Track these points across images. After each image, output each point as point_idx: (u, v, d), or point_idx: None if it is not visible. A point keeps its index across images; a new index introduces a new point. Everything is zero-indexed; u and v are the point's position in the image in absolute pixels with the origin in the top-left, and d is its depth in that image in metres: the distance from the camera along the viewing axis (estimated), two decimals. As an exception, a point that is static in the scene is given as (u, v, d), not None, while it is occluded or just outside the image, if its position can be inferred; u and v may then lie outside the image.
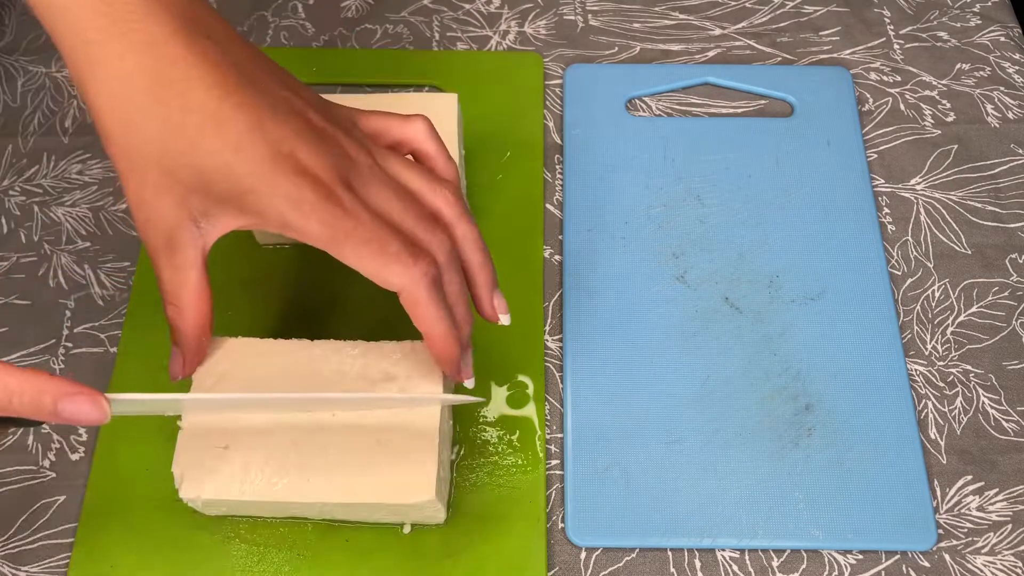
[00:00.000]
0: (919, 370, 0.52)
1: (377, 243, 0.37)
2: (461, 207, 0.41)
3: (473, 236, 0.42)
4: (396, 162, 0.40)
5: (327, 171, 0.37)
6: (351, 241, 0.37)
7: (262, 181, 0.36)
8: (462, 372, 0.42)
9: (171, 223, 0.38)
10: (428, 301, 0.38)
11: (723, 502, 0.48)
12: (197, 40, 0.36)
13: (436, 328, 0.40)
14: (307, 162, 0.37)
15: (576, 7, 0.64)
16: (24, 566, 0.46)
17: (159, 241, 0.39)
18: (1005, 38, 0.63)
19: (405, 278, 0.38)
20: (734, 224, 0.56)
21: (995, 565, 0.47)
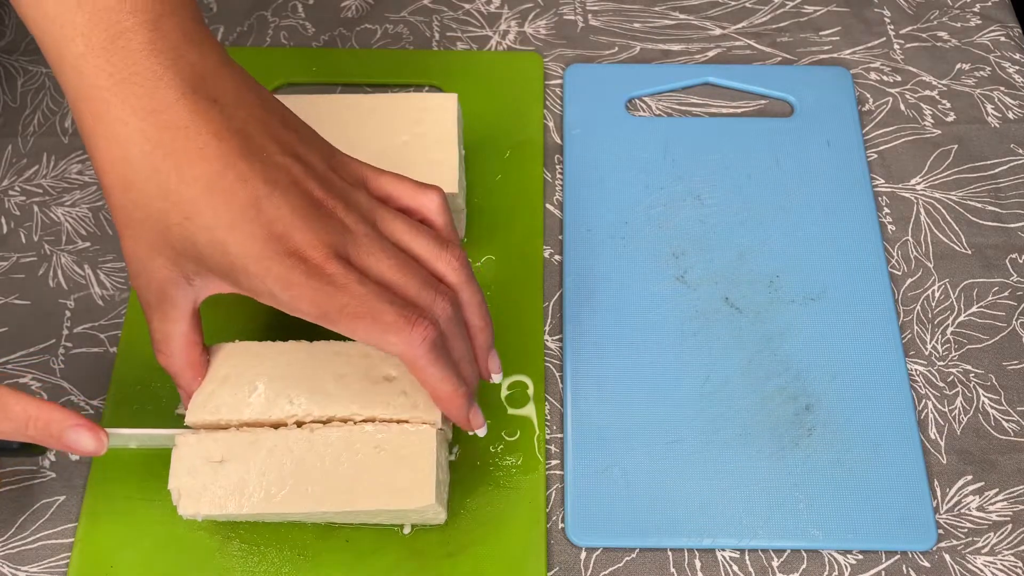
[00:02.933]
0: (919, 370, 0.52)
1: (371, 316, 0.37)
2: (466, 272, 0.42)
3: (476, 301, 0.42)
4: (401, 225, 0.41)
5: (320, 249, 0.37)
6: (344, 316, 0.37)
7: (253, 262, 0.37)
8: (472, 423, 0.43)
9: (163, 280, 0.39)
10: (429, 363, 0.39)
11: (723, 502, 0.48)
12: (201, 105, 0.36)
13: (441, 388, 0.40)
14: (300, 242, 0.37)
15: (576, 7, 0.64)
16: (24, 566, 0.46)
17: (151, 294, 0.40)
18: (1005, 38, 0.63)
19: (402, 345, 0.38)
20: (734, 224, 0.56)
21: (995, 565, 0.47)
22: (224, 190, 0.36)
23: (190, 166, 0.36)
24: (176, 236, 0.37)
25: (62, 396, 0.50)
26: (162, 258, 0.38)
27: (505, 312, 0.52)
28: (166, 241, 0.37)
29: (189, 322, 0.41)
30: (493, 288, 0.53)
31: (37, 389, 0.50)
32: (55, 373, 0.51)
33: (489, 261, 0.54)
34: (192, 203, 0.36)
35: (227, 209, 0.36)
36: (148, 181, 0.36)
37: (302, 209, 0.37)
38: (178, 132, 0.36)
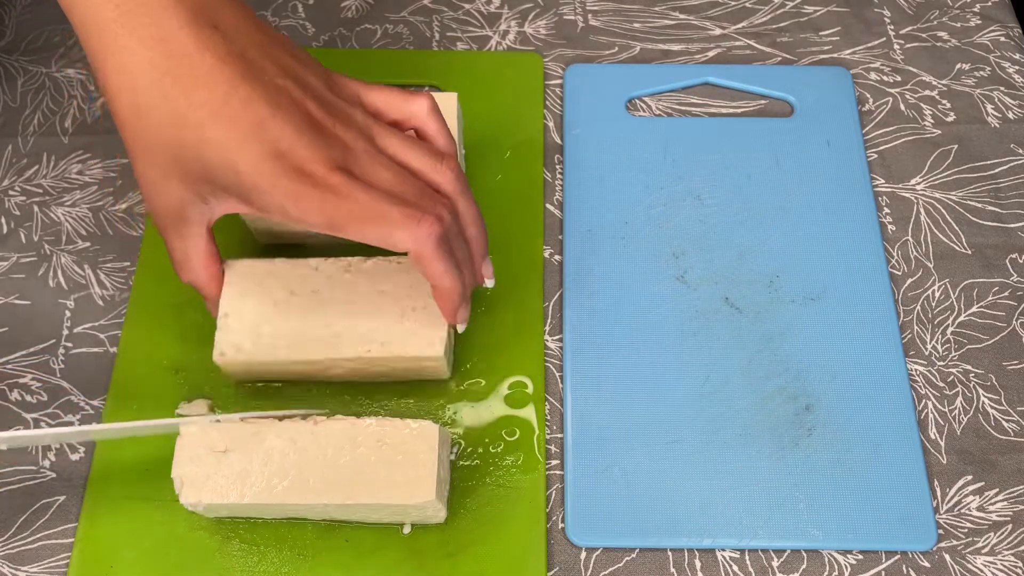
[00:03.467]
0: (919, 370, 0.52)
1: (377, 217, 0.39)
2: (461, 183, 0.44)
3: (472, 211, 0.44)
4: (397, 141, 0.43)
5: (324, 163, 0.39)
6: (352, 221, 0.39)
7: (263, 179, 0.39)
8: (459, 317, 0.45)
9: (178, 201, 0.41)
10: (435, 257, 0.41)
11: (723, 502, 0.48)
12: (205, 32, 0.38)
13: (443, 281, 0.42)
14: (304, 158, 0.39)
15: (576, 7, 0.64)
16: (24, 566, 0.46)
17: (167, 215, 0.42)
18: (1005, 38, 0.63)
19: (409, 239, 0.40)
20: (734, 224, 0.56)
21: (995, 565, 0.47)
22: (230, 113, 0.38)
23: (196, 91, 0.38)
24: (189, 158, 0.39)
25: (62, 396, 0.50)
26: (176, 180, 0.40)
27: (505, 312, 0.52)
28: (179, 164, 0.39)
29: (206, 238, 0.43)
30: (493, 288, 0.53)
31: (37, 389, 0.50)
32: (55, 373, 0.51)
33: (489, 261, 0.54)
34: (201, 127, 0.38)
35: (234, 131, 0.38)
36: (158, 108, 0.38)
37: (303, 128, 0.39)
38: (183, 59, 0.38)
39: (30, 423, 0.49)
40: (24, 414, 0.50)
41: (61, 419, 0.50)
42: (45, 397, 0.50)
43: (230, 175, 0.39)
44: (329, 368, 0.47)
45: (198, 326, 0.50)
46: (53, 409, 0.50)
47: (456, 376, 0.50)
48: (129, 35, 0.37)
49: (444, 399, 0.50)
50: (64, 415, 0.50)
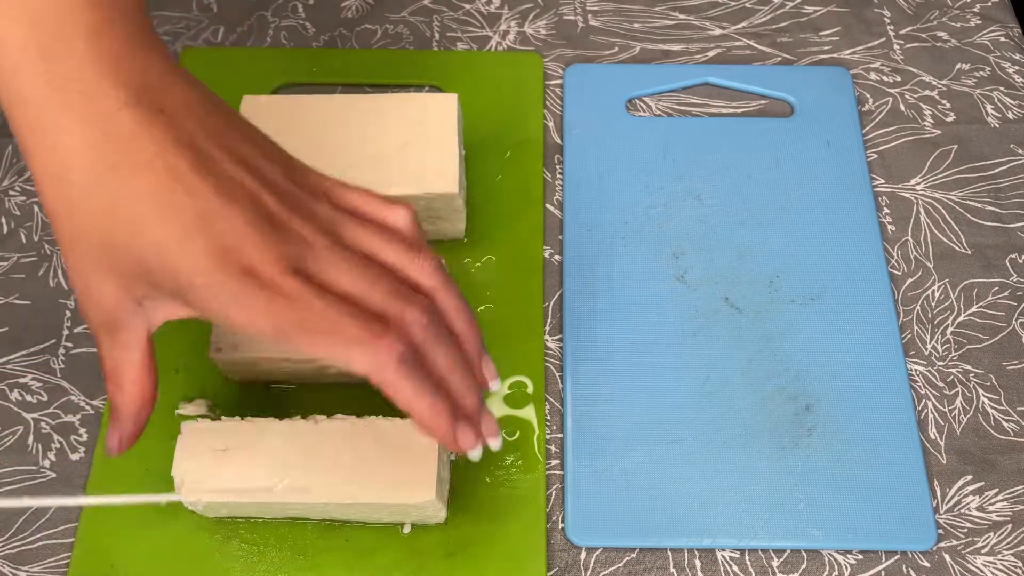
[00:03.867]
0: (919, 370, 0.52)
1: (331, 330, 0.35)
2: (440, 276, 0.39)
3: (456, 305, 0.39)
4: (365, 234, 0.38)
5: (275, 262, 0.35)
6: (302, 332, 0.35)
7: (204, 279, 0.34)
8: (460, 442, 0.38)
9: (111, 303, 0.36)
10: (399, 378, 0.36)
11: (723, 502, 0.48)
12: (146, 115, 0.34)
13: (415, 405, 0.36)
14: (253, 256, 0.34)
15: (576, 7, 0.64)
16: (24, 566, 0.46)
17: (100, 320, 0.37)
18: (1005, 38, 0.63)
19: (367, 361, 0.35)
20: (734, 224, 0.56)
21: (995, 565, 0.47)
22: (173, 204, 0.34)
23: (136, 180, 0.33)
24: (123, 256, 0.35)
25: (62, 396, 0.50)
26: (110, 281, 0.35)
27: (505, 312, 0.52)
28: (113, 262, 0.35)
29: (142, 350, 0.37)
30: (493, 288, 0.53)
31: (37, 389, 0.50)
32: (55, 373, 0.51)
33: (489, 261, 0.54)
34: (139, 219, 0.34)
35: (176, 224, 0.34)
36: (92, 198, 0.34)
37: (256, 222, 0.35)
38: (121, 144, 0.33)
39: (30, 423, 0.49)
40: (24, 414, 0.50)
41: (61, 419, 0.50)
42: (45, 397, 0.50)
43: (168, 274, 0.34)
44: (326, 368, 0.47)
45: (198, 326, 0.50)
46: (53, 409, 0.50)
47: (456, 376, 0.50)
48: (60, 111, 0.33)
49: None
50: (64, 415, 0.50)
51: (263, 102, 0.52)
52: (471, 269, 0.53)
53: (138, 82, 0.34)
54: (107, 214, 0.34)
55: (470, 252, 0.54)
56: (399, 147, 0.50)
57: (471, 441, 0.39)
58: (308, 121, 0.51)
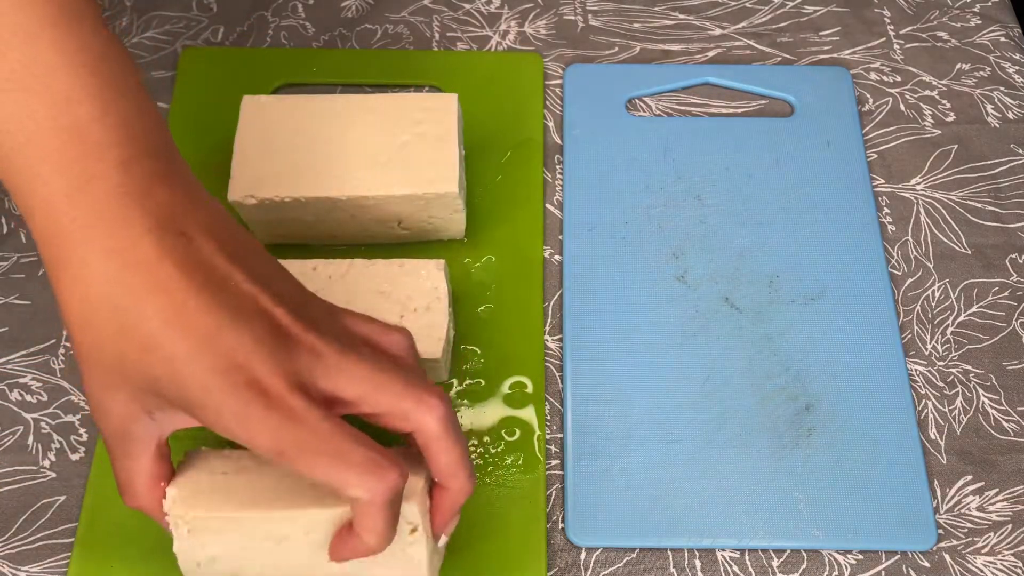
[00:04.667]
0: (919, 370, 0.52)
1: (333, 453, 0.35)
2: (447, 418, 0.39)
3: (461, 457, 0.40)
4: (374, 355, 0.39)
5: (282, 380, 0.35)
6: (304, 453, 0.35)
7: (210, 397, 0.35)
8: None
9: (123, 416, 0.37)
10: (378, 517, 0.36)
11: (723, 502, 0.48)
12: (168, 240, 0.35)
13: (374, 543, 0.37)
14: (261, 372, 0.35)
15: (576, 7, 0.64)
16: (24, 566, 0.46)
17: (112, 431, 0.38)
18: (1005, 38, 0.63)
19: (363, 491, 0.35)
20: (734, 224, 0.56)
21: (995, 565, 0.47)
22: (183, 322, 0.35)
23: (150, 300, 0.35)
24: (134, 371, 0.36)
25: (62, 396, 0.50)
26: (121, 394, 0.36)
27: (505, 312, 0.52)
28: (124, 376, 0.36)
29: (153, 458, 0.39)
30: (493, 288, 0.53)
31: (37, 389, 0.50)
32: (55, 373, 0.51)
33: (489, 261, 0.54)
34: (150, 337, 0.35)
35: (185, 341, 0.35)
36: (108, 320, 0.35)
37: (265, 337, 0.35)
38: (139, 268, 0.35)
39: (30, 423, 0.49)
40: (24, 414, 0.50)
41: (61, 419, 0.50)
42: (45, 397, 0.50)
43: (176, 389, 0.35)
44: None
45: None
46: (53, 409, 0.50)
47: (456, 376, 0.50)
48: (84, 247, 0.34)
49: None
50: (64, 415, 0.50)
51: (263, 102, 0.52)
52: (471, 269, 0.53)
53: (163, 211, 0.35)
54: (120, 333, 0.35)
55: (470, 252, 0.54)
56: (399, 147, 0.50)
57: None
58: (308, 121, 0.51)
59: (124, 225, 0.35)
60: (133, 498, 0.40)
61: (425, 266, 0.48)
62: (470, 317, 0.52)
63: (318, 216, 0.51)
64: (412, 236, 0.53)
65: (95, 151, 0.35)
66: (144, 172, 0.35)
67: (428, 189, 0.49)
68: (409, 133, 0.51)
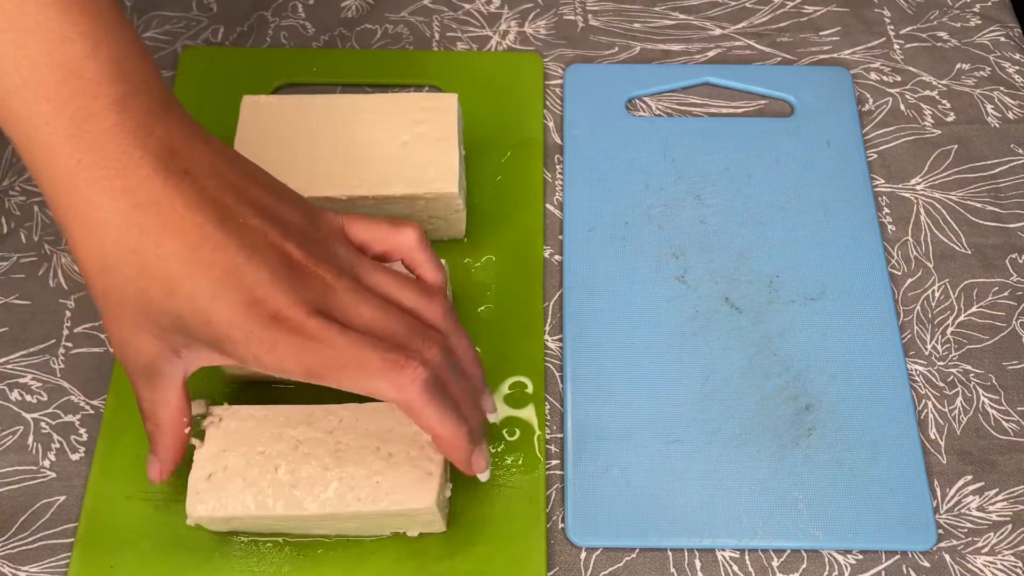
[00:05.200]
0: (919, 370, 0.52)
1: (356, 363, 0.37)
2: (451, 319, 0.42)
3: (465, 346, 0.43)
4: (384, 278, 0.41)
5: (301, 307, 0.37)
6: (329, 369, 0.37)
7: (237, 330, 0.37)
8: (474, 465, 0.42)
9: (150, 355, 0.39)
10: (425, 405, 0.38)
11: (723, 502, 0.48)
12: (173, 179, 0.36)
13: (440, 429, 0.39)
14: (280, 304, 0.37)
15: (576, 7, 0.64)
16: (24, 566, 0.46)
17: (138, 368, 0.39)
18: (1005, 38, 0.63)
19: (392, 389, 0.38)
20: (734, 224, 0.56)
21: (995, 565, 0.47)
22: (202, 261, 0.36)
23: (166, 241, 0.36)
24: (159, 312, 0.37)
25: (62, 396, 0.50)
26: (147, 334, 0.38)
27: (505, 312, 0.52)
28: (150, 317, 0.37)
29: (179, 392, 0.40)
30: (493, 288, 0.53)
31: (37, 389, 0.50)
32: (55, 373, 0.51)
33: (489, 261, 0.54)
34: (172, 278, 0.36)
35: (207, 280, 0.36)
36: (126, 261, 0.36)
37: (281, 271, 0.37)
38: (151, 208, 0.36)
39: (30, 423, 0.49)
40: (24, 414, 0.50)
41: (61, 419, 0.50)
42: (45, 397, 0.50)
43: (202, 327, 0.37)
44: None
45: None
46: (53, 409, 0.50)
47: (456, 376, 0.50)
48: (92, 188, 0.35)
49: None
50: (64, 415, 0.50)
51: (263, 102, 0.52)
52: (471, 269, 0.54)
53: (163, 148, 0.36)
54: (142, 275, 0.36)
55: (470, 252, 0.54)
56: (399, 147, 0.50)
57: (483, 464, 0.43)
58: (308, 121, 0.51)
59: (128, 164, 0.35)
60: (157, 427, 0.42)
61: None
62: (470, 317, 0.52)
63: (318, 216, 0.51)
64: (412, 236, 0.53)
65: (90, 88, 0.35)
66: (141, 109, 0.36)
67: (428, 189, 0.49)
68: (409, 133, 0.51)
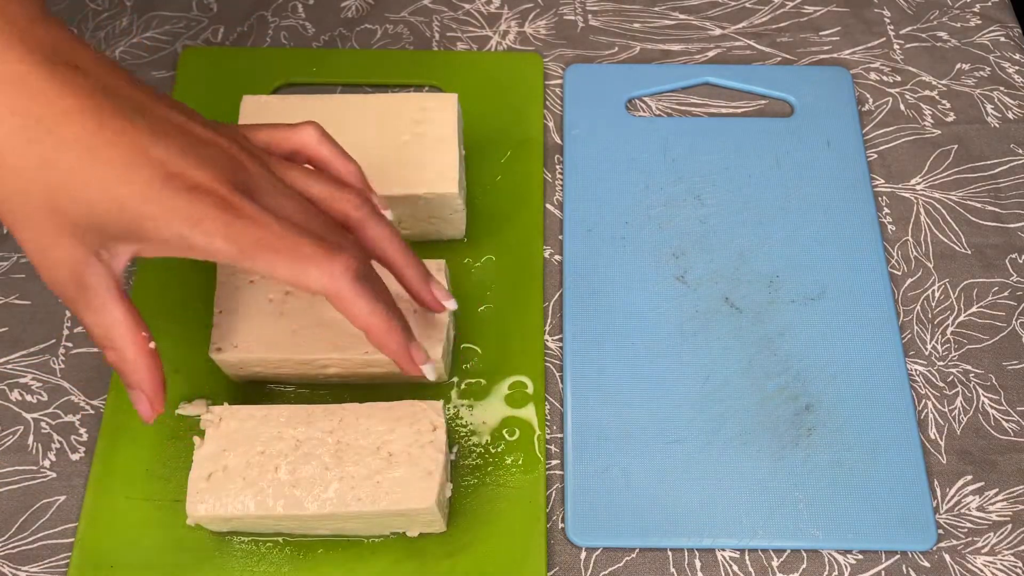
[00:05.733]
0: (919, 370, 0.52)
1: (288, 249, 0.36)
2: (369, 207, 0.40)
3: (388, 234, 0.41)
4: (293, 171, 0.39)
5: (223, 183, 0.35)
6: (261, 251, 0.35)
7: (156, 206, 0.35)
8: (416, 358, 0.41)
9: (74, 264, 0.36)
10: (356, 295, 0.37)
11: (723, 502, 0.48)
12: (59, 70, 0.34)
13: (372, 321, 0.38)
14: (200, 177, 0.35)
15: (576, 7, 0.64)
16: (24, 566, 0.46)
17: (69, 287, 0.37)
18: (1005, 38, 0.63)
19: (324, 279, 0.36)
20: (734, 224, 0.56)
21: (995, 565, 0.47)
22: (105, 143, 0.34)
23: (63, 128, 0.34)
24: (67, 204, 0.35)
25: (62, 396, 0.50)
26: (64, 238, 0.35)
27: (505, 312, 0.52)
28: (60, 214, 0.35)
29: (119, 303, 0.37)
30: (493, 288, 0.53)
31: (37, 389, 0.50)
32: (55, 373, 0.51)
33: (489, 261, 0.54)
34: (76, 165, 0.34)
35: (113, 163, 0.34)
36: (25, 157, 0.34)
37: (194, 147, 0.35)
38: (40, 98, 0.33)
39: (30, 423, 0.49)
40: (24, 414, 0.50)
41: (61, 419, 0.50)
42: (45, 397, 0.50)
43: (117, 213, 0.34)
44: (326, 367, 0.47)
45: (198, 326, 0.50)
46: (53, 409, 0.50)
47: (456, 376, 0.50)
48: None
49: (444, 399, 0.50)
50: (64, 415, 0.50)
51: (263, 102, 0.52)
52: (471, 269, 0.54)
53: (45, 45, 0.35)
54: (43, 166, 0.34)
55: (470, 252, 0.54)
56: (399, 147, 0.50)
57: (423, 355, 0.41)
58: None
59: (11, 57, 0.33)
60: (118, 354, 0.38)
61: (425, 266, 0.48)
62: (470, 317, 0.52)
63: (318, 216, 0.51)
64: (412, 236, 0.53)
65: None
66: (18, 13, 0.35)
67: (428, 189, 0.49)
68: (409, 133, 0.51)
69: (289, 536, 0.46)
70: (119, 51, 0.61)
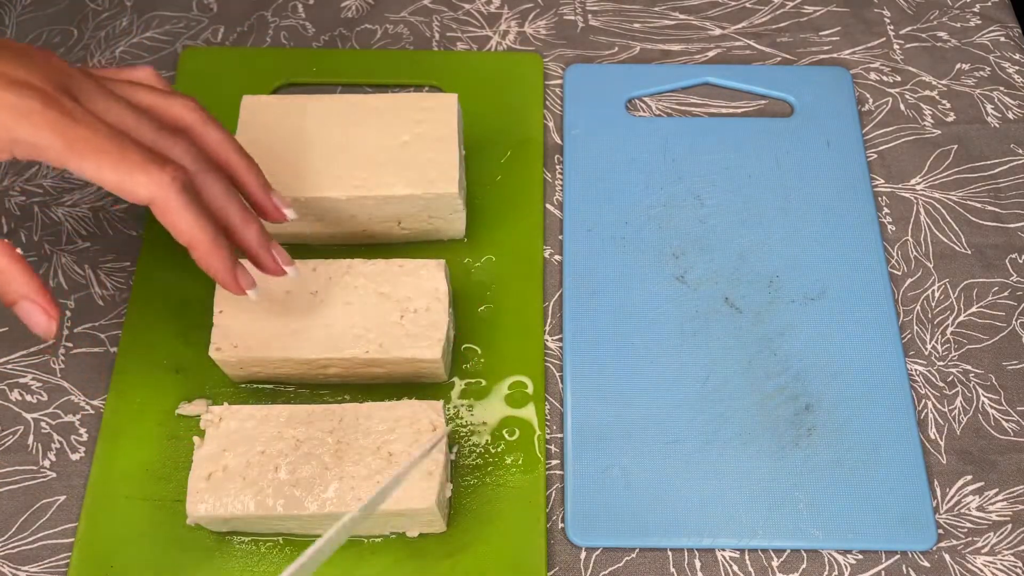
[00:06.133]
0: (919, 370, 0.52)
1: (117, 152, 0.35)
2: (202, 113, 0.40)
3: (223, 137, 0.40)
4: (122, 85, 0.39)
5: (46, 82, 0.35)
6: (89, 150, 0.35)
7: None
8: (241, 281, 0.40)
9: None
10: (181, 208, 0.36)
11: (723, 502, 0.48)
12: None
13: (196, 236, 0.37)
14: (23, 76, 0.35)
15: (576, 7, 0.64)
16: (24, 566, 0.46)
17: None
18: (1005, 38, 0.63)
19: (152, 187, 0.36)
20: (734, 224, 0.56)
21: (995, 565, 0.47)
22: None
23: None
24: None
25: (62, 396, 0.50)
26: None
27: (505, 312, 0.52)
28: None
29: None
30: (493, 288, 0.53)
31: (37, 389, 0.50)
32: (55, 373, 0.51)
33: (489, 261, 0.54)
34: None
35: None
36: None
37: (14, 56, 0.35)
38: None
39: (30, 423, 0.49)
40: (24, 414, 0.50)
41: (61, 419, 0.50)
42: (45, 397, 0.50)
43: None
44: (326, 367, 0.47)
45: (198, 326, 0.50)
46: (53, 409, 0.50)
47: (456, 376, 0.50)
48: None
49: (444, 399, 0.50)
50: (64, 415, 0.50)
51: (263, 102, 0.52)
52: (471, 269, 0.54)
53: None
54: None
55: (470, 252, 0.54)
56: (399, 147, 0.50)
57: (249, 280, 0.40)
58: (308, 121, 0.51)
59: None
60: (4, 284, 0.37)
61: (425, 266, 0.48)
62: (470, 317, 0.52)
63: (318, 216, 0.51)
64: (412, 236, 0.53)
65: None
66: None
67: (428, 189, 0.49)
68: (409, 133, 0.51)
69: (289, 536, 0.46)
70: (119, 51, 0.61)
